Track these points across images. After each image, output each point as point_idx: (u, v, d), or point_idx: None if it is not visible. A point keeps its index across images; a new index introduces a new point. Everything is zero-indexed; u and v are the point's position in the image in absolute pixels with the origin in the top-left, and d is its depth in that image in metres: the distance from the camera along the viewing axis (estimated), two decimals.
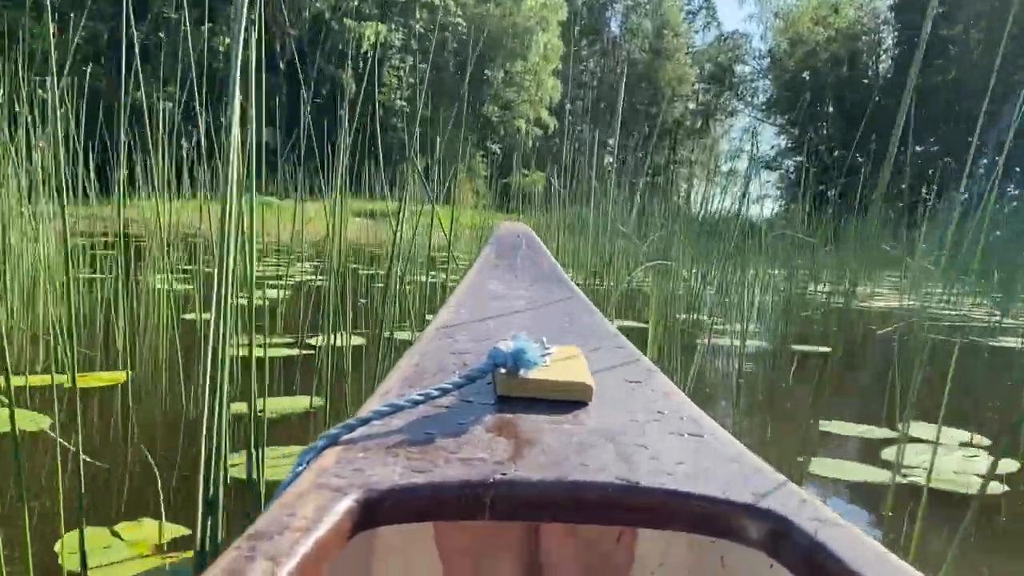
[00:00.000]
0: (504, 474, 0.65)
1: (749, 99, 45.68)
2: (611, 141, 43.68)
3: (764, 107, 43.13)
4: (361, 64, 32.58)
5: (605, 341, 1.14)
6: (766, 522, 0.63)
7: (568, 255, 7.56)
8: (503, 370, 0.84)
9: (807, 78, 37.44)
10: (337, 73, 32.00)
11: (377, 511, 0.61)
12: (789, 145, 38.61)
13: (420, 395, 0.79)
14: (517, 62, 37.65)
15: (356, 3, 32.52)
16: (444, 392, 0.80)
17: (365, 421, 0.73)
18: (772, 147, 39.81)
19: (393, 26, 33.84)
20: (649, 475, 0.67)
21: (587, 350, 1.01)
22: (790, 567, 0.61)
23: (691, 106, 45.75)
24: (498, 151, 37.18)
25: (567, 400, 0.84)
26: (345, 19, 32.39)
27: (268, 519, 0.55)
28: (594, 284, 6.78)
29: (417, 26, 34.84)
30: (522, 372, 0.83)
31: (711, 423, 0.83)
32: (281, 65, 31.83)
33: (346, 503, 0.59)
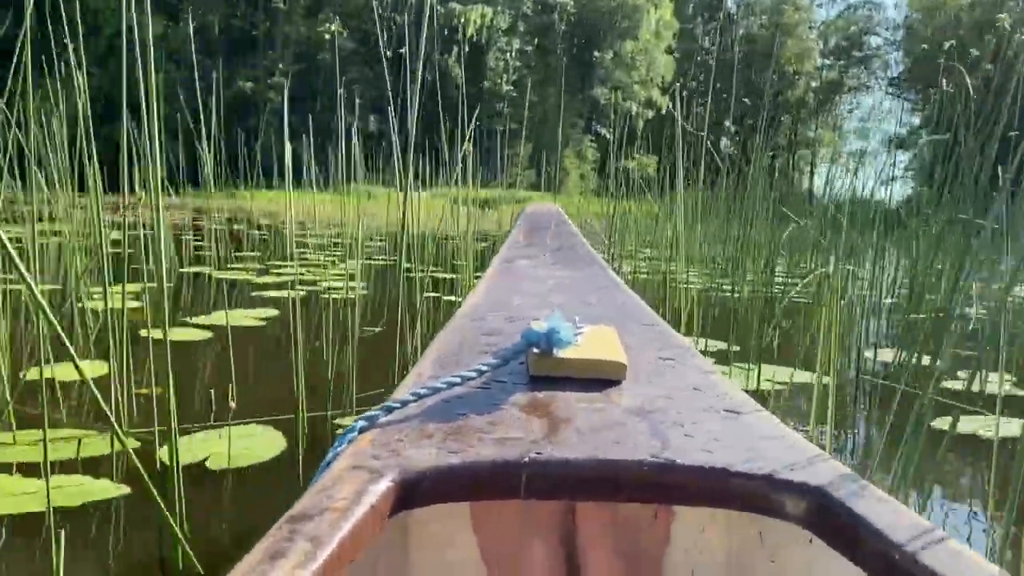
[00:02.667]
0: (539, 453, 0.67)
1: (880, 74, 43.78)
2: (727, 122, 42.68)
3: (896, 82, 41.26)
4: (467, 49, 32.92)
5: (638, 319, 1.15)
6: (805, 497, 0.63)
7: (680, 246, 7.09)
8: (536, 350, 0.86)
9: (946, 49, 35.50)
10: (442, 59, 32.48)
11: (414, 492, 0.63)
12: (923, 123, 36.81)
13: (455, 377, 0.81)
14: (627, 42, 37.24)
15: None
16: (479, 373, 0.83)
17: (401, 403, 0.76)
18: (904, 125, 38.04)
19: (499, 8, 34.02)
20: (684, 452, 0.68)
21: (620, 328, 1.03)
22: (830, 541, 0.61)
23: (814, 83, 44.18)
24: (607, 135, 36.94)
25: (601, 379, 0.85)
26: (451, 3, 32.77)
27: (307, 502, 0.57)
28: (719, 285, 5.27)
29: (524, 7, 34.94)
30: (555, 351, 0.85)
31: (748, 399, 0.83)
32: (388, 53, 32.56)
33: (383, 484, 0.61)
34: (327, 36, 29.50)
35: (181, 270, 5.50)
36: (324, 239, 8.69)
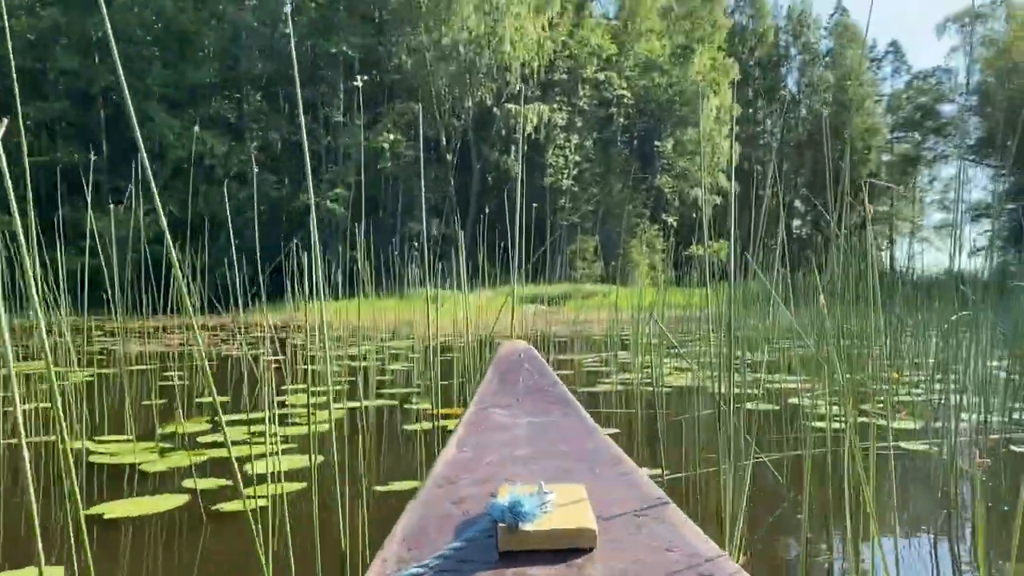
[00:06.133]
0: None
1: (958, 142, 43.20)
2: (797, 203, 42.28)
3: (975, 149, 40.65)
4: (526, 147, 33.70)
5: (610, 467, 1.15)
6: None
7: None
8: (503, 524, 0.84)
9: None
10: (502, 159, 33.29)
11: None
12: (1007, 189, 35.98)
13: (419, 567, 0.80)
14: (688, 129, 37.71)
15: (518, 88, 33.88)
16: (443, 559, 0.82)
17: None
18: (988, 192, 37.28)
19: (556, 105, 34.92)
20: None
21: (592, 481, 1.04)
22: None
23: (885, 157, 43.83)
24: (673, 223, 37.03)
25: (571, 548, 0.84)
26: (507, 104, 33.78)
27: None
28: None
29: (581, 103, 35.77)
30: (521, 525, 0.83)
31: (724, 560, 0.82)
32: (449, 157, 33.56)
33: None
34: (385, 146, 30.57)
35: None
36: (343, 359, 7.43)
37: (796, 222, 42.19)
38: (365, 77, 29.59)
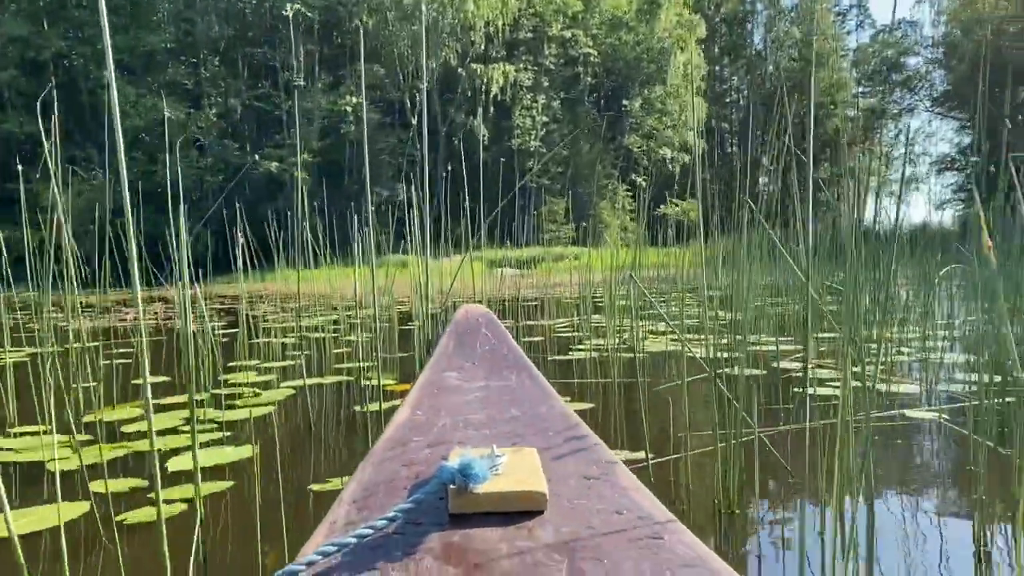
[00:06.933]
0: None
1: (925, 93, 43.48)
2: (764, 160, 42.64)
3: (941, 101, 40.98)
4: (492, 109, 33.40)
5: (562, 432, 1.18)
6: None
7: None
8: (453, 486, 0.85)
9: (990, 62, 35.24)
10: (468, 121, 32.99)
11: None
12: (972, 141, 36.41)
13: (367, 528, 0.80)
14: (656, 87, 37.58)
15: (482, 47, 33.51)
16: (391, 521, 0.82)
17: (306, 564, 0.75)
18: (954, 145, 37.70)
19: (522, 65, 34.59)
20: None
21: (544, 444, 1.08)
22: None
23: (851, 112, 44.07)
24: (643, 183, 37.05)
25: (522, 510, 0.85)
26: (472, 64, 33.41)
27: None
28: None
29: (547, 62, 35.47)
30: (472, 487, 0.84)
31: (671, 520, 0.84)
32: (413, 120, 33.18)
33: None
34: (348, 109, 30.16)
35: None
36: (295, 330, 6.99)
37: (763, 179, 42.42)
38: (299, 7, 29.14)
